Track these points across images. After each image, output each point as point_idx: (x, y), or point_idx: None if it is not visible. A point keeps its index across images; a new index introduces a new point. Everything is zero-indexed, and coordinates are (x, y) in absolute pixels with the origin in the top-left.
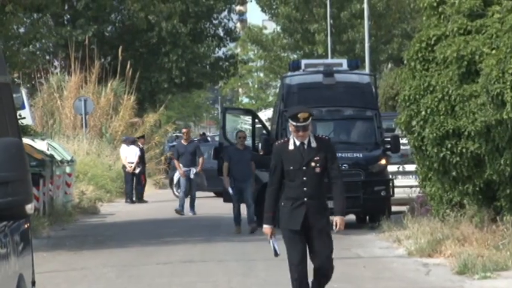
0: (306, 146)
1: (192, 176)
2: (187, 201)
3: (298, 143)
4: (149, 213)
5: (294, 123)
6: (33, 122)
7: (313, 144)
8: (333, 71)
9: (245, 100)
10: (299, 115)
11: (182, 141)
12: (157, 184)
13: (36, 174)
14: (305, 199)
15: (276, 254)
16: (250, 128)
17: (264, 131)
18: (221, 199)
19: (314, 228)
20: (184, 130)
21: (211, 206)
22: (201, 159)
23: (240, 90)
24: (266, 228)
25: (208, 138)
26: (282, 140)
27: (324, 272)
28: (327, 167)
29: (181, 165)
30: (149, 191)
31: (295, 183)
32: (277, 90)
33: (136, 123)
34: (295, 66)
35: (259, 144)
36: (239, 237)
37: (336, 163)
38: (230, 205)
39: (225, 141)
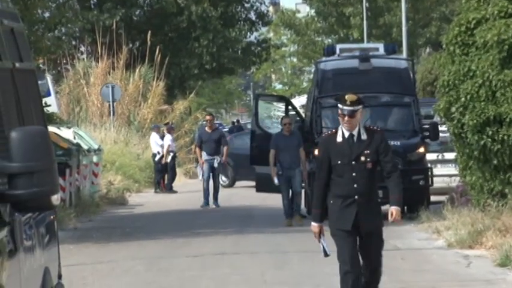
0: (355, 138)
1: (215, 165)
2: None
3: (347, 134)
4: (179, 203)
5: (341, 107)
6: (59, 109)
7: (364, 136)
8: (369, 56)
9: (278, 86)
10: (346, 96)
11: (206, 129)
12: (187, 174)
13: (62, 164)
14: (355, 197)
15: (326, 255)
16: (284, 115)
17: (298, 119)
18: (253, 189)
19: (366, 228)
20: (207, 117)
21: (242, 196)
22: (225, 149)
23: (273, 76)
24: (314, 226)
25: (243, 126)
26: (330, 132)
27: (373, 274)
28: (380, 161)
29: (204, 153)
30: (179, 180)
31: (343, 179)
32: (312, 76)
33: (166, 111)
34: (330, 51)
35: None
36: (272, 228)
37: (389, 156)
38: (262, 195)
39: (258, 129)
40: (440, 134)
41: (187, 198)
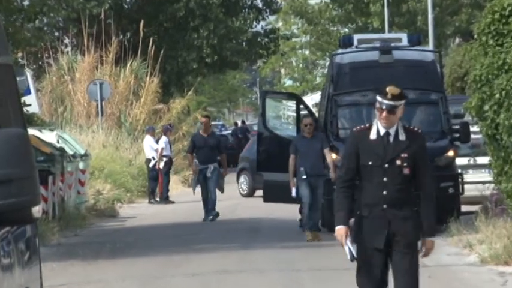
0: (392, 138)
1: (208, 174)
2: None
3: (382, 131)
4: (176, 215)
5: (380, 100)
6: (40, 109)
7: (402, 136)
8: (390, 48)
9: (288, 82)
10: (388, 88)
11: (201, 132)
12: (185, 182)
13: (44, 171)
14: (384, 206)
15: (353, 259)
16: (294, 115)
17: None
18: (260, 199)
19: (398, 245)
20: (202, 119)
21: (248, 206)
22: (223, 157)
23: (282, 70)
24: (339, 229)
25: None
26: (363, 126)
27: None
28: (415, 169)
29: (196, 161)
30: (176, 189)
31: (372, 184)
32: (326, 70)
33: (161, 111)
34: (346, 42)
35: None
36: (282, 243)
37: (426, 165)
38: (271, 206)
39: (265, 131)
40: (472, 136)
41: (186, 210)
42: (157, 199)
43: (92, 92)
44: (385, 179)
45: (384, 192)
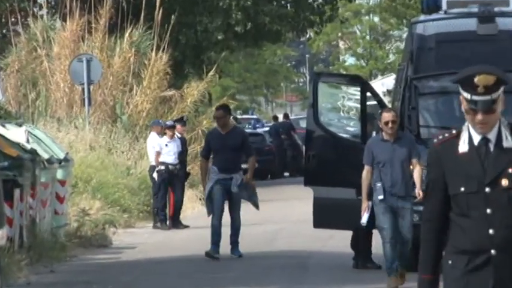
0: (491, 147)
1: (234, 190)
2: (225, 233)
3: (477, 139)
4: (190, 245)
5: (467, 95)
6: (4, 96)
7: (508, 141)
8: (494, 14)
9: (350, 60)
10: (476, 79)
11: (218, 130)
12: (203, 198)
13: (8, 182)
14: (492, 252)
15: None
16: (358, 106)
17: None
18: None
19: None
20: (217, 113)
21: (292, 234)
22: (251, 161)
23: (342, 44)
24: None
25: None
26: (447, 135)
27: None
28: None
29: (215, 168)
30: (192, 209)
31: (470, 220)
32: (403, 44)
33: (172, 99)
34: (432, 5)
35: (373, 134)
36: (339, 286)
37: None
38: (324, 233)
39: (317, 128)
40: None
41: (205, 237)
42: (167, 223)
43: (76, 72)
44: (488, 210)
45: (490, 231)
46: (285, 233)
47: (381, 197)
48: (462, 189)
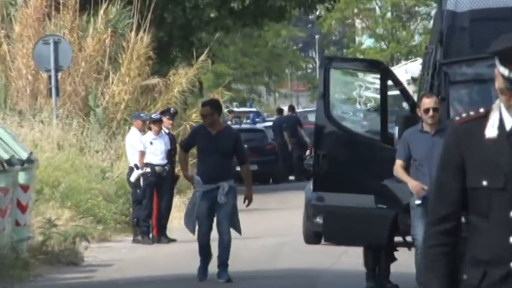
0: None
1: (221, 200)
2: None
3: (510, 123)
4: (178, 263)
5: (503, 71)
6: None
7: None
8: None
9: (367, 42)
10: None
11: (205, 128)
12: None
13: None
14: (511, 265)
15: None
16: (378, 97)
17: (405, 103)
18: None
19: None
20: (203, 110)
21: (297, 248)
22: (245, 170)
23: (358, 23)
24: None
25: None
26: (472, 114)
27: None
28: None
29: (198, 178)
30: (180, 219)
31: (488, 223)
32: (431, 23)
33: (155, 88)
34: None
35: (395, 129)
36: None
37: None
38: (335, 249)
39: (328, 123)
40: None
41: (193, 253)
42: (149, 236)
43: (42, 56)
44: None
45: (511, 240)
46: (289, 248)
47: (418, 201)
48: (484, 183)
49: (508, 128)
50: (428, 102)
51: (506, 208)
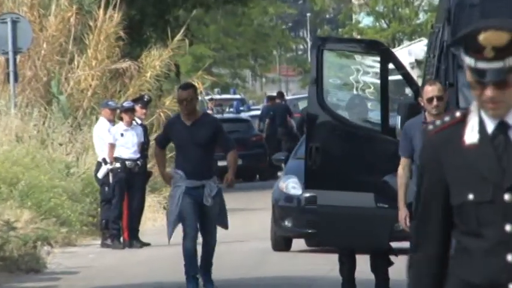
0: (510, 135)
1: (208, 202)
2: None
3: (490, 125)
4: (152, 270)
5: (469, 62)
6: None
7: None
8: None
9: (365, 21)
10: (482, 37)
11: (182, 119)
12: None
13: None
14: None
15: None
16: (377, 82)
17: (409, 90)
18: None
19: None
20: (182, 93)
21: (288, 252)
22: (231, 157)
23: None
24: None
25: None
26: (446, 120)
27: None
28: None
29: (180, 172)
30: (154, 221)
31: (481, 241)
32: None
33: (126, 72)
34: None
35: (398, 119)
36: None
37: None
38: (328, 251)
39: (322, 112)
40: None
41: (170, 259)
42: (120, 240)
43: None
44: (508, 227)
45: (509, 258)
46: (278, 253)
47: (400, 227)
48: (470, 196)
49: (489, 130)
50: (431, 90)
51: (499, 222)
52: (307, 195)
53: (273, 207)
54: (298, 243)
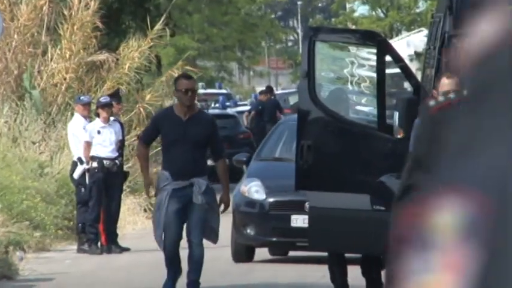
0: None
1: (197, 200)
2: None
3: None
4: (132, 276)
5: None
6: None
7: None
8: None
9: (360, 10)
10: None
11: (175, 110)
12: (149, 208)
13: None
14: None
15: None
16: (374, 76)
17: (408, 84)
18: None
19: None
20: (187, 85)
21: (278, 257)
22: (221, 166)
23: None
24: None
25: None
26: (451, 97)
27: None
28: None
29: (166, 173)
30: (134, 224)
31: None
32: None
33: (103, 65)
34: None
35: (395, 115)
36: None
37: None
38: (320, 256)
39: (314, 107)
40: None
41: (151, 265)
42: (98, 244)
43: None
44: None
45: None
46: (268, 258)
47: None
48: None
49: None
50: (448, 83)
51: None
52: (271, 200)
53: (234, 213)
54: (261, 253)
